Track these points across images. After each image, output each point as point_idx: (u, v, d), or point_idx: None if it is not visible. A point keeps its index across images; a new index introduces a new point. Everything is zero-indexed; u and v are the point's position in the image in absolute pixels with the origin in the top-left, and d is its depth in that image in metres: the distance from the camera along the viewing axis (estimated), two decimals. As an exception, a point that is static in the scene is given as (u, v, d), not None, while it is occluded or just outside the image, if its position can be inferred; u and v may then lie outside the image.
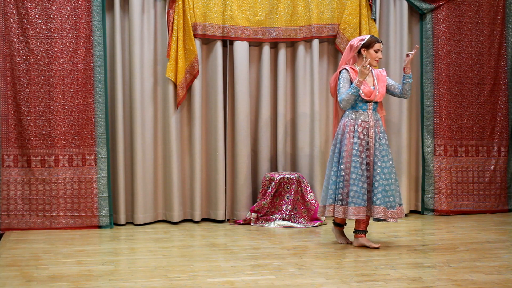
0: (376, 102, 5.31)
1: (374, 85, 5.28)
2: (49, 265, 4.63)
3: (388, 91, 5.42)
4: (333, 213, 5.24)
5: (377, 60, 5.31)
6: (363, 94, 5.19)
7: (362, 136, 5.21)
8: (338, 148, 5.28)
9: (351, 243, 5.35)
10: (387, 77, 5.40)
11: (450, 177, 6.94)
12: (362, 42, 5.28)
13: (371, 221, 5.42)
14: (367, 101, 5.25)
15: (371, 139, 5.21)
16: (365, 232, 5.30)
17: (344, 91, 5.21)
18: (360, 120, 5.23)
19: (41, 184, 6.11)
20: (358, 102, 5.25)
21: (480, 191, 7.03)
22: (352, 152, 5.18)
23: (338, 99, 5.26)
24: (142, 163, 6.35)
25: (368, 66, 5.20)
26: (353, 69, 5.30)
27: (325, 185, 5.36)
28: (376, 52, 5.28)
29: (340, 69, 5.34)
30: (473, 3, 6.97)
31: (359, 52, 5.31)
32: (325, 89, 6.83)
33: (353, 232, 5.33)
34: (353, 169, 5.15)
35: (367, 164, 5.20)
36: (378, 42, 5.29)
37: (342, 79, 5.26)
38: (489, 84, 7.03)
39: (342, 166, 5.20)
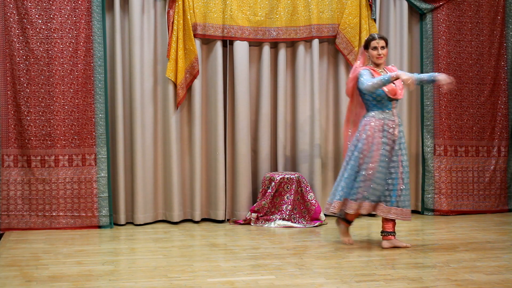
0: (397, 100, 5.24)
1: (394, 83, 5.15)
2: (49, 265, 4.63)
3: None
4: (339, 208, 5.19)
5: (378, 57, 5.21)
6: (387, 91, 5.11)
7: (389, 136, 5.14)
8: (360, 147, 5.15)
9: (352, 243, 5.34)
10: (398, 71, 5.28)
11: (450, 177, 6.94)
12: (363, 45, 5.29)
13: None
14: (391, 100, 5.18)
15: (396, 138, 5.15)
16: (394, 233, 5.23)
17: (370, 78, 5.08)
18: (387, 120, 5.16)
19: (41, 184, 6.11)
20: (383, 101, 5.16)
21: (480, 191, 7.03)
22: (381, 152, 5.09)
23: (367, 81, 5.05)
24: (142, 163, 6.35)
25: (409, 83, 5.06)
26: (373, 69, 5.21)
27: (338, 181, 5.29)
28: (375, 50, 5.20)
29: (360, 69, 5.22)
30: (473, 3, 6.97)
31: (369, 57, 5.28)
32: (325, 89, 6.84)
33: (382, 234, 5.25)
34: (380, 168, 5.07)
35: (393, 161, 5.13)
36: (374, 39, 5.21)
37: (365, 74, 5.14)
38: (489, 84, 7.03)
39: (368, 165, 5.09)
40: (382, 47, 5.22)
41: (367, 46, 5.24)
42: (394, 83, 5.13)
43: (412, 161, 7.03)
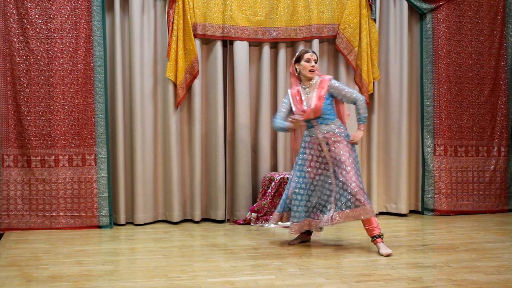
0: (320, 117, 5.11)
1: (309, 103, 5.12)
2: (49, 265, 4.63)
3: (341, 99, 5.20)
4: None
5: (311, 70, 5.14)
6: (300, 117, 5.09)
7: (313, 152, 5.17)
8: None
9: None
10: (331, 84, 5.12)
11: (450, 177, 6.94)
12: (294, 60, 5.23)
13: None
14: (309, 119, 5.14)
15: (325, 153, 5.12)
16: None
17: (280, 116, 5.23)
18: (308, 137, 5.18)
19: (41, 184, 6.11)
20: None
21: (480, 191, 7.03)
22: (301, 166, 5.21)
23: (274, 119, 5.30)
24: (142, 163, 6.35)
25: (298, 118, 5.09)
26: (298, 90, 5.19)
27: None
28: (308, 62, 5.14)
29: (289, 90, 5.28)
30: (473, 3, 6.97)
31: (296, 70, 5.22)
32: (325, 89, 6.83)
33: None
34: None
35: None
36: (308, 52, 5.17)
37: (283, 101, 5.30)
38: (489, 84, 7.04)
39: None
40: (315, 61, 5.18)
41: (299, 59, 5.18)
42: (309, 102, 5.11)
43: (412, 161, 7.04)
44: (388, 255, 4.87)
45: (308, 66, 5.15)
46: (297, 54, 5.27)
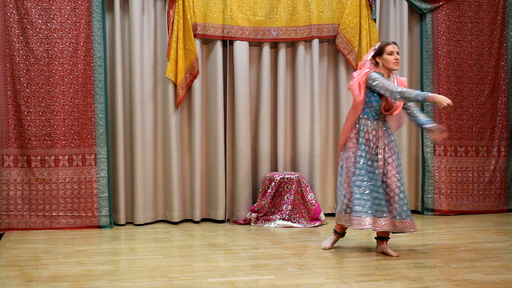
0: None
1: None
2: (49, 265, 4.63)
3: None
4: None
5: (396, 63, 4.87)
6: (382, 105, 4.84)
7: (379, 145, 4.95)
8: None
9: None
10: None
11: (450, 177, 6.94)
12: (373, 52, 4.91)
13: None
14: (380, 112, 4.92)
15: (381, 151, 4.95)
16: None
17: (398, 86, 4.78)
18: (370, 132, 4.91)
19: (41, 184, 6.11)
20: (370, 111, 4.90)
21: (480, 191, 7.03)
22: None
23: (399, 89, 4.72)
24: (142, 163, 6.35)
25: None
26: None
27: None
28: (391, 54, 4.85)
29: (367, 72, 4.85)
30: (473, 3, 6.97)
31: (376, 63, 4.91)
32: (325, 89, 6.83)
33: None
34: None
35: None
36: (390, 44, 4.88)
37: (382, 78, 4.81)
38: (489, 84, 7.04)
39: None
40: (397, 52, 4.90)
41: (381, 52, 4.87)
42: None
43: (412, 161, 7.04)
44: (397, 256, 4.86)
45: (392, 59, 4.86)
46: (376, 46, 4.92)
